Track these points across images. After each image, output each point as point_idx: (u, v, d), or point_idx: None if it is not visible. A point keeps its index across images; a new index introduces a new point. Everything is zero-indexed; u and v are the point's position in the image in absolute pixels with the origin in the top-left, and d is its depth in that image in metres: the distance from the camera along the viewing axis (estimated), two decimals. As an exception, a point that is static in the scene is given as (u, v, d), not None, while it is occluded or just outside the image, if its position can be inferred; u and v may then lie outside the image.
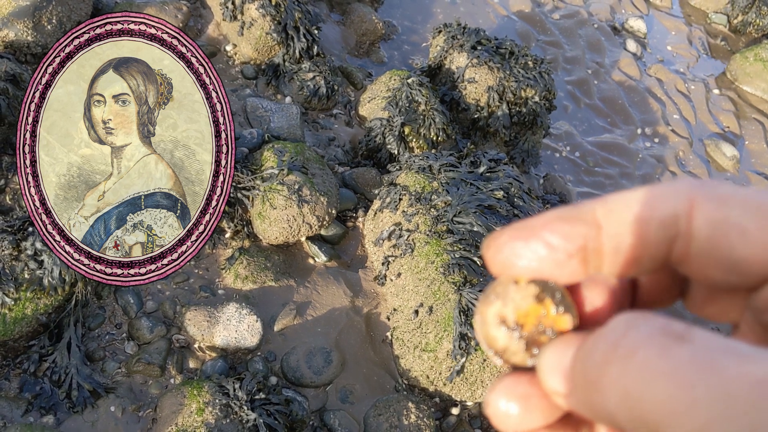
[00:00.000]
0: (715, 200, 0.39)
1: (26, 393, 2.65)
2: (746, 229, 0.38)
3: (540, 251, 0.42)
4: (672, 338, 0.34)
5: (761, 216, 0.38)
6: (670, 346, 0.33)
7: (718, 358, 0.32)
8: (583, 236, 0.42)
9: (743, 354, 0.32)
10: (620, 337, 0.35)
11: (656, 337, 0.34)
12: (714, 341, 0.33)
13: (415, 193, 3.30)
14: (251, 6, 4.11)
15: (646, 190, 0.41)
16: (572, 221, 0.42)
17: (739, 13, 6.58)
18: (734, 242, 0.38)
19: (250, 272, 3.19)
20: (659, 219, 0.40)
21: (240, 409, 2.58)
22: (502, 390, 0.43)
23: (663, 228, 0.40)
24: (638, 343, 0.34)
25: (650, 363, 0.33)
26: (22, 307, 2.65)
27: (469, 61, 4.21)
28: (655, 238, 0.41)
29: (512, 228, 0.43)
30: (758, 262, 0.38)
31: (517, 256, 0.42)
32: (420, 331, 2.98)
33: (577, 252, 0.42)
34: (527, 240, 0.42)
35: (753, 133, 5.70)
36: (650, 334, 0.34)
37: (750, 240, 0.38)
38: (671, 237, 0.40)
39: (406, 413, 2.86)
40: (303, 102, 4.17)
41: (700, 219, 0.39)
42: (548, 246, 0.42)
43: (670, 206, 0.40)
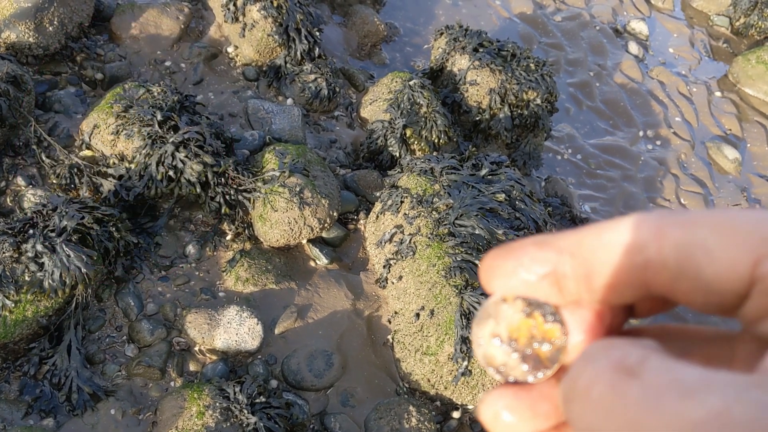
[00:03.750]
0: (682, 224, 0.39)
1: (26, 396, 2.64)
2: (710, 249, 0.38)
3: (517, 271, 0.44)
4: (624, 374, 0.35)
5: (724, 234, 0.38)
6: (620, 384, 0.35)
7: (663, 395, 0.33)
8: (551, 262, 0.43)
9: (687, 390, 0.33)
10: (579, 373, 0.37)
11: (608, 374, 0.35)
12: (661, 376, 0.34)
13: (417, 195, 3.29)
14: (253, 8, 4.11)
15: (618, 220, 0.42)
16: (543, 246, 0.44)
17: (741, 16, 6.56)
18: (701, 263, 0.38)
19: (251, 275, 3.18)
20: (625, 247, 0.41)
21: (240, 413, 2.57)
22: (497, 398, 0.45)
23: (629, 255, 0.41)
24: (593, 379, 0.36)
25: (603, 401, 0.35)
26: (23, 309, 2.64)
27: (471, 64, 4.20)
28: (624, 266, 0.41)
29: (496, 249, 0.46)
30: (726, 281, 0.38)
31: (498, 276, 0.45)
32: (421, 335, 2.97)
33: (547, 275, 0.43)
34: (505, 260, 0.45)
35: (755, 135, 5.68)
36: (604, 369, 0.36)
37: (715, 259, 0.38)
38: (641, 265, 0.40)
39: (407, 417, 2.85)
40: (304, 104, 4.17)
41: (668, 244, 0.39)
42: (522, 267, 0.44)
43: (636, 234, 0.41)
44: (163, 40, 4.11)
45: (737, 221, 0.38)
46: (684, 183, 5.10)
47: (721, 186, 5.17)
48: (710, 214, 0.39)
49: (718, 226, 0.38)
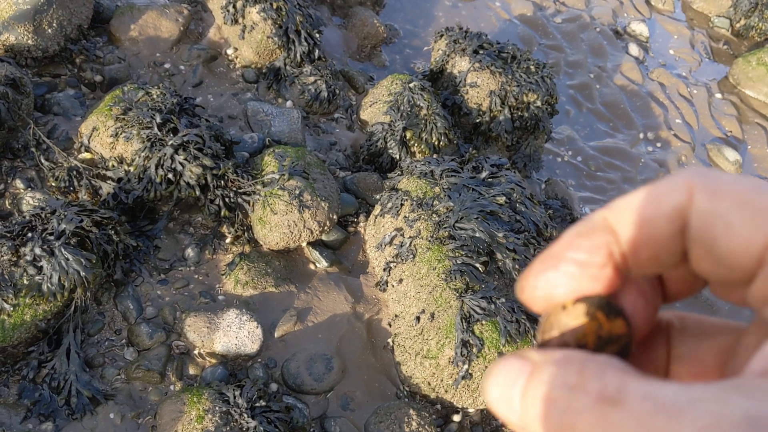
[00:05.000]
0: (710, 192, 0.40)
1: (25, 399, 2.63)
2: (730, 223, 0.39)
3: (574, 272, 0.43)
4: (607, 404, 0.35)
5: (747, 210, 0.38)
6: (606, 414, 0.35)
7: (648, 419, 0.34)
8: (606, 244, 0.43)
9: (672, 410, 0.33)
10: (564, 411, 0.37)
11: (593, 406, 0.36)
12: (644, 401, 0.34)
13: (417, 198, 3.28)
14: (252, 9, 4.10)
15: (649, 188, 0.42)
16: (590, 234, 0.43)
17: (742, 17, 6.56)
18: (718, 235, 0.39)
19: (250, 278, 3.17)
20: (665, 215, 0.41)
21: (240, 417, 2.56)
22: None
23: (670, 223, 0.41)
24: (578, 415, 0.36)
25: None
26: (21, 313, 2.63)
27: (471, 66, 4.19)
28: (665, 233, 0.41)
29: (537, 262, 0.45)
30: (739, 256, 0.39)
31: (554, 286, 0.44)
32: (421, 338, 2.96)
33: (607, 260, 0.43)
34: (557, 267, 0.44)
35: (755, 137, 5.68)
36: (588, 403, 0.36)
37: (732, 233, 0.38)
38: (681, 230, 0.41)
39: (407, 420, 2.84)
40: (304, 106, 4.16)
41: (694, 210, 0.40)
42: (579, 264, 0.43)
43: (673, 200, 0.41)
44: (162, 42, 4.10)
45: (762, 199, 0.38)
46: (684, 185, 5.09)
47: (721, 188, 5.16)
48: (739, 185, 0.39)
49: (743, 199, 0.39)
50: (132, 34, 4.04)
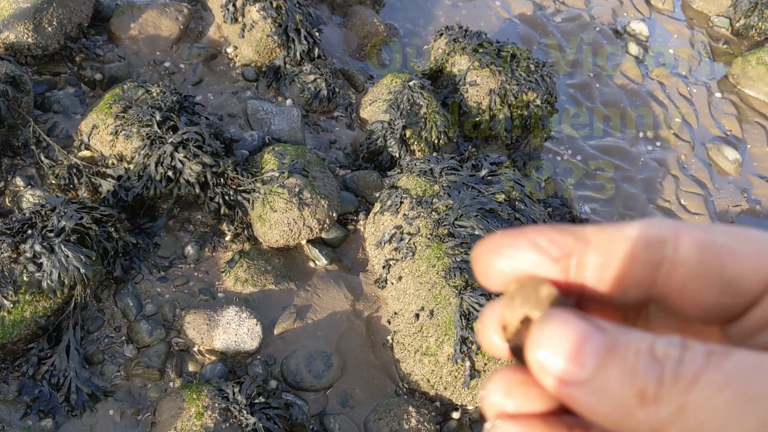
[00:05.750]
0: (700, 228, 0.42)
1: (25, 396, 2.64)
2: (734, 249, 0.41)
3: (526, 249, 0.44)
4: (717, 355, 0.37)
5: (744, 238, 0.41)
6: (720, 363, 0.37)
7: (760, 360, 0.36)
8: (569, 246, 0.44)
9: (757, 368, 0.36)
10: (677, 364, 0.37)
11: (706, 358, 0.37)
12: (748, 356, 0.37)
13: (417, 196, 3.29)
14: (252, 8, 4.10)
15: (637, 221, 0.44)
16: (563, 231, 0.45)
17: (742, 17, 6.56)
18: (725, 261, 0.41)
19: (250, 275, 3.17)
20: (646, 241, 0.42)
21: (239, 414, 2.56)
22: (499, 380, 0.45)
23: (649, 250, 0.42)
24: (694, 366, 0.37)
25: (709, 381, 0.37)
26: (21, 309, 2.64)
27: (471, 64, 4.19)
28: (641, 259, 0.42)
29: (503, 231, 0.46)
30: (751, 277, 0.40)
31: (502, 255, 0.45)
32: (421, 335, 2.96)
33: (562, 259, 0.44)
34: (516, 239, 0.45)
35: (755, 136, 5.68)
36: (702, 353, 0.37)
37: (740, 257, 0.41)
38: (657, 261, 0.42)
39: (406, 417, 2.84)
40: (304, 104, 4.16)
41: (688, 243, 0.41)
42: (535, 247, 0.44)
43: (657, 231, 0.42)
44: (162, 40, 4.11)
45: (753, 234, 0.41)
46: (684, 184, 5.09)
47: (721, 187, 5.16)
48: (724, 226, 0.42)
49: (735, 233, 0.42)
50: (132, 32, 4.05)
